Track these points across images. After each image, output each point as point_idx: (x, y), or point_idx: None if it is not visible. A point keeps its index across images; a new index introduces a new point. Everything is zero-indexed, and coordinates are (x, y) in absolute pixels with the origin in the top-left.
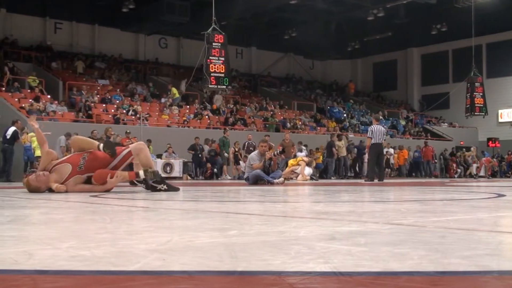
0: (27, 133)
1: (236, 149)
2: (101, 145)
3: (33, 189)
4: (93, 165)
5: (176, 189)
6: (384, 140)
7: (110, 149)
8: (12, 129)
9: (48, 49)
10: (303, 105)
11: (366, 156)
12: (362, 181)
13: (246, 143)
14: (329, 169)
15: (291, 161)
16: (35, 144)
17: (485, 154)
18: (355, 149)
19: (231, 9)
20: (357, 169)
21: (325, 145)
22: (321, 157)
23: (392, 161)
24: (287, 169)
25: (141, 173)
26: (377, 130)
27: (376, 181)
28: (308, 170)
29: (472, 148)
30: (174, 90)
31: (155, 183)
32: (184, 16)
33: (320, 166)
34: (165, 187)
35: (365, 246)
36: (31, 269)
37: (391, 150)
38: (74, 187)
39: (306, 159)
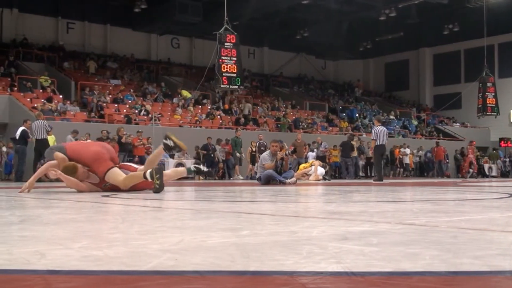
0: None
1: (253, 149)
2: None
3: (76, 174)
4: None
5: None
6: (387, 140)
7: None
8: (21, 129)
9: (60, 49)
10: (315, 105)
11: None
12: (371, 181)
13: (258, 143)
14: (349, 168)
15: (303, 165)
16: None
17: (500, 154)
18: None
19: (243, 9)
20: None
21: (340, 145)
22: (337, 155)
23: (406, 161)
24: (299, 172)
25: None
26: (381, 132)
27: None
28: (321, 170)
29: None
30: (184, 92)
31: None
32: (196, 16)
33: (337, 164)
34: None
35: (377, 246)
36: (43, 269)
37: (407, 150)
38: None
39: (319, 162)
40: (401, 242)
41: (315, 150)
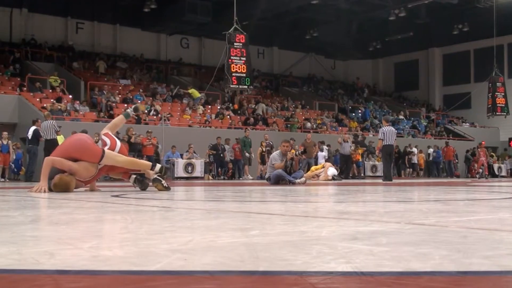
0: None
1: (263, 149)
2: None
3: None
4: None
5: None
6: (395, 140)
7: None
8: (32, 128)
9: (69, 49)
10: (325, 105)
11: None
12: (380, 181)
13: (266, 143)
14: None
15: (315, 167)
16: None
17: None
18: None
19: (252, 9)
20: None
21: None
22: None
23: (414, 160)
24: (309, 173)
25: (158, 166)
26: (388, 132)
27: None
28: (332, 171)
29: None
30: (192, 90)
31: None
32: (206, 16)
33: (360, 164)
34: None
35: (387, 246)
36: (52, 269)
37: (415, 150)
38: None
39: (330, 164)
40: (410, 242)
41: (324, 150)
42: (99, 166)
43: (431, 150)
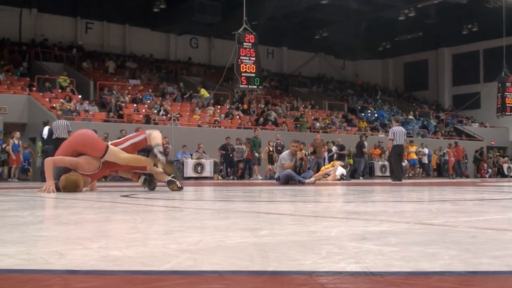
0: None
1: (271, 149)
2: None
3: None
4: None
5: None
6: (405, 140)
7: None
8: (46, 128)
9: (79, 49)
10: (334, 105)
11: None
12: (389, 181)
13: (275, 143)
14: (358, 169)
15: (325, 166)
16: None
17: None
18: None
19: (262, 9)
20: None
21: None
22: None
23: (425, 161)
24: (321, 172)
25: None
26: (398, 132)
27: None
28: (340, 171)
29: None
30: (203, 90)
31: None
32: (215, 16)
33: (415, 162)
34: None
35: (396, 246)
36: (62, 269)
37: (425, 150)
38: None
39: (340, 163)
40: (420, 242)
41: (333, 150)
42: (102, 160)
43: (426, 150)
